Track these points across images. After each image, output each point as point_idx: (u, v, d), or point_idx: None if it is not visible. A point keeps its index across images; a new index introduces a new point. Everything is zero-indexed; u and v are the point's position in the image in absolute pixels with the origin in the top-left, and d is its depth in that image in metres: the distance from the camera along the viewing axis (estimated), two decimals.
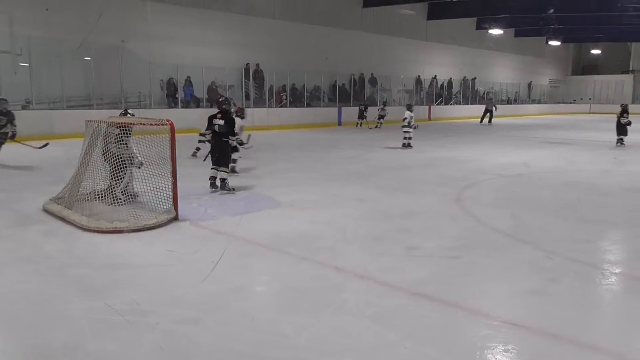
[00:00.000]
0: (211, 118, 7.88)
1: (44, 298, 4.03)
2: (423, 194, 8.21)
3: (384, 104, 23.23)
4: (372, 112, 22.42)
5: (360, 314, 3.77)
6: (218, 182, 7.90)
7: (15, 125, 10.04)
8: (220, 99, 8.34)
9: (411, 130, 14.43)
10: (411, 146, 14.34)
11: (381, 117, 22.10)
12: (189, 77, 19.33)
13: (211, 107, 17.07)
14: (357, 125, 22.60)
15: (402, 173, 10.25)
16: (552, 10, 25.83)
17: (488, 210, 7.10)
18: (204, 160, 8.56)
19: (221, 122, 7.76)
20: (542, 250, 5.30)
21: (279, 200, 7.44)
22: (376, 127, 21.71)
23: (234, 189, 7.88)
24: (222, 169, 7.85)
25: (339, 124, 23.23)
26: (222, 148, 7.84)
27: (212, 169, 7.94)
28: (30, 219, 6.31)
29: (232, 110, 8.28)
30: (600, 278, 4.71)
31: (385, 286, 4.31)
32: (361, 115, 22.47)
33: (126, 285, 4.29)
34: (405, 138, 14.49)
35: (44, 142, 10.73)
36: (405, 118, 14.33)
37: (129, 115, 8.40)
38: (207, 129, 7.99)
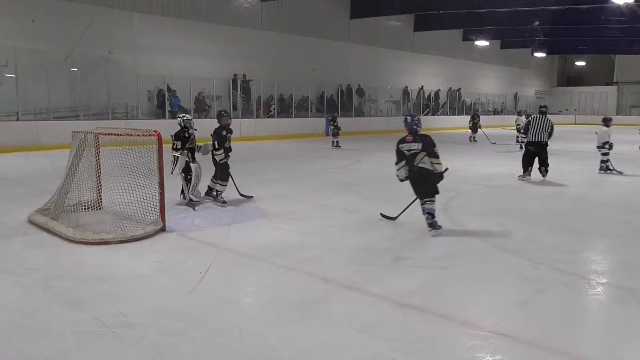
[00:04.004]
0: None
1: (26, 311, 3.97)
2: None
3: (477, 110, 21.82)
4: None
5: (347, 325, 3.76)
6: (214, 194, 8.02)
7: None
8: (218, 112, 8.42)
9: (608, 151, 11.36)
10: (610, 169, 11.47)
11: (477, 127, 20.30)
12: (168, 86, 18.88)
13: (198, 117, 17.09)
14: (471, 140, 20.71)
15: (389, 183, 10.17)
16: (537, 23, 26.17)
17: (475, 220, 7.13)
18: None
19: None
20: (528, 261, 5.32)
21: (266, 211, 7.43)
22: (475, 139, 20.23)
23: (214, 198, 7.96)
24: (213, 180, 7.97)
25: (327, 134, 23.22)
26: (213, 160, 7.93)
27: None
28: (14, 231, 6.23)
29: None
30: (587, 288, 4.74)
31: (373, 297, 4.30)
32: (475, 129, 20.69)
33: (112, 297, 4.24)
34: (603, 162, 11.54)
35: None
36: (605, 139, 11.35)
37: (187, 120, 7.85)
38: None
